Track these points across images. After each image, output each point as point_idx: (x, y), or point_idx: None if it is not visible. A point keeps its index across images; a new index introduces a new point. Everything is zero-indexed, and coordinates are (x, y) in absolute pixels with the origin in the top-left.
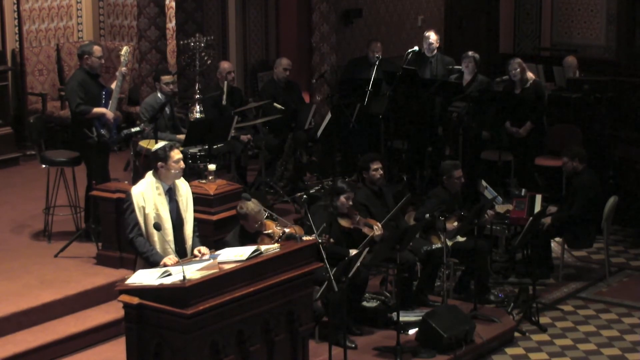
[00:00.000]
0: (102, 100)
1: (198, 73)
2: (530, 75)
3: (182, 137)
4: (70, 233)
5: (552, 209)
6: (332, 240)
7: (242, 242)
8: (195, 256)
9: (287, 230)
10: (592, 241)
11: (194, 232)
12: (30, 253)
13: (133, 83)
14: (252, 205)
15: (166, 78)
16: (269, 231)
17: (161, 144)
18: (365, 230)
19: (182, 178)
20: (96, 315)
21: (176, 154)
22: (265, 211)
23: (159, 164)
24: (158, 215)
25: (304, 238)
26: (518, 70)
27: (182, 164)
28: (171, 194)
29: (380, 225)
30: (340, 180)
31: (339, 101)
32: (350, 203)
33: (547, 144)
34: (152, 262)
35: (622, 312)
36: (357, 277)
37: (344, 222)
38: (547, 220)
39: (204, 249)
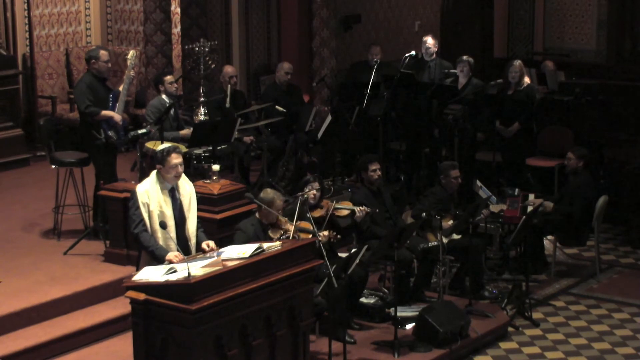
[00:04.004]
0: (110, 103)
1: (202, 77)
2: (526, 79)
3: (185, 132)
4: (79, 231)
5: (537, 201)
6: (338, 236)
7: (256, 229)
8: (204, 250)
9: (293, 228)
10: (586, 240)
11: (199, 227)
12: (40, 250)
13: (140, 86)
14: (276, 194)
15: (169, 78)
16: (283, 226)
17: (164, 145)
18: (341, 212)
19: (186, 178)
20: (104, 310)
21: (173, 159)
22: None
23: (158, 166)
24: (162, 213)
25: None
26: (517, 74)
27: (178, 169)
28: (174, 193)
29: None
30: (308, 174)
31: (338, 104)
32: (315, 193)
33: (539, 145)
34: (157, 256)
35: (612, 307)
36: (356, 273)
37: (316, 213)
38: (549, 205)
39: (212, 243)
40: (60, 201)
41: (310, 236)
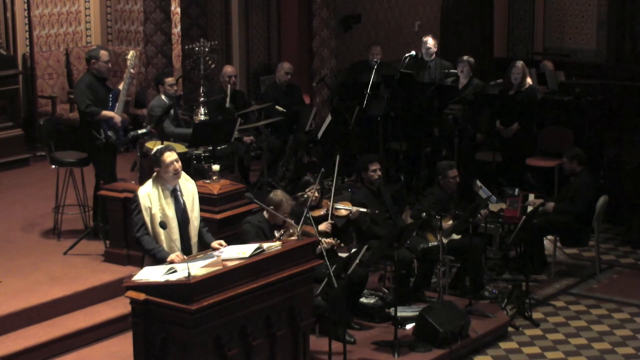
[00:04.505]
0: (110, 102)
1: (202, 77)
2: (529, 80)
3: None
4: (79, 231)
5: (537, 201)
6: (342, 244)
7: (263, 228)
8: (217, 249)
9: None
10: (587, 240)
11: (202, 226)
12: (40, 250)
13: (140, 86)
14: (286, 197)
15: (170, 80)
16: (290, 230)
17: (157, 147)
18: (341, 212)
19: (188, 177)
20: (104, 310)
21: (167, 157)
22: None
23: (156, 168)
24: (164, 215)
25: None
26: (520, 75)
27: (175, 166)
28: (176, 194)
29: (352, 206)
30: (307, 175)
31: (338, 104)
32: (317, 195)
33: (539, 145)
34: (158, 258)
35: (611, 307)
36: (356, 273)
37: (315, 213)
38: (550, 205)
39: (224, 242)
40: (60, 201)
41: (328, 241)
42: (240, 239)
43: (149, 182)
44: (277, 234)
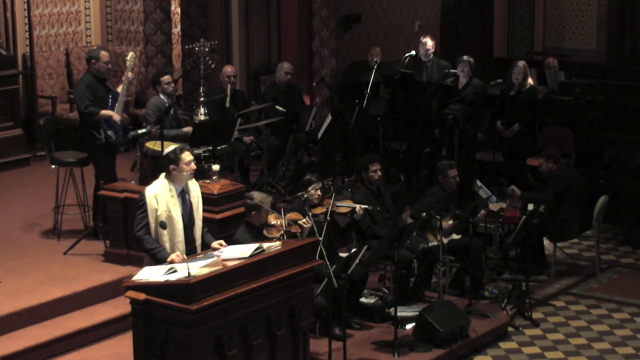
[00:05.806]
0: (109, 103)
1: (202, 77)
2: (530, 81)
3: (187, 129)
4: (79, 231)
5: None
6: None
7: (252, 236)
8: (217, 249)
9: (287, 218)
10: (575, 233)
11: (202, 227)
12: (40, 250)
13: (140, 86)
14: (262, 195)
15: (166, 78)
16: (273, 222)
17: (172, 146)
18: (342, 210)
19: (194, 180)
20: (104, 310)
21: (187, 156)
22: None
23: (171, 166)
24: (170, 217)
25: (302, 221)
26: (521, 75)
27: (193, 166)
28: (184, 195)
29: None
30: (308, 174)
31: (338, 104)
32: (319, 193)
33: (539, 145)
34: (158, 258)
35: (612, 307)
36: (356, 273)
37: (316, 211)
38: (517, 193)
39: (224, 242)
40: (60, 201)
41: (304, 220)
42: None
43: (157, 182)
44: (267, 234)
